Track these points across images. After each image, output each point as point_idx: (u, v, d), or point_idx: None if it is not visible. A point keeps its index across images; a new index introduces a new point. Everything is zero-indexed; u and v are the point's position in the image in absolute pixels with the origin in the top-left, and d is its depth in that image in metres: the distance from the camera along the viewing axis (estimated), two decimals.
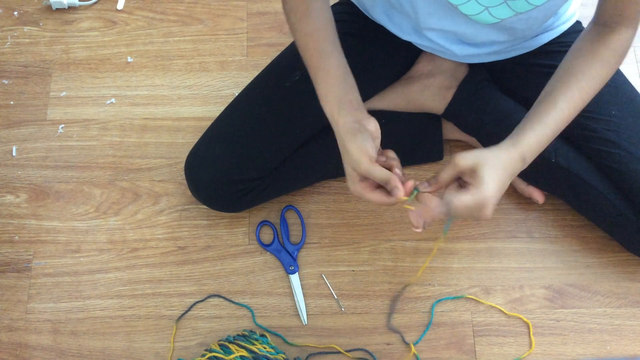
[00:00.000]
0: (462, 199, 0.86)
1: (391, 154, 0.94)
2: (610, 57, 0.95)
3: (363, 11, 1.18)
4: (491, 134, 1.18)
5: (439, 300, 1.18)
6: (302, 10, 0.99)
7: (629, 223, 1.12)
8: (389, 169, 0.91)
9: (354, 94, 0.97)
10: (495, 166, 0.88)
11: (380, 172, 0.89)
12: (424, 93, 1.23)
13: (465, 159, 0.88)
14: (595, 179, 1.12)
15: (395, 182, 0.88)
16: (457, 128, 1.25)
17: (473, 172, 0.87)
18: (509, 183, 0.90)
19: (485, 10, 0.98)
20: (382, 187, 0.92)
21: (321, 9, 1.00)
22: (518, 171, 0.92)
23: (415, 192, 0.90)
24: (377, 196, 0.92)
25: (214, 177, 1.13)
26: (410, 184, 0.90)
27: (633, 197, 1.10)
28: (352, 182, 0.93)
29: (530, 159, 0.92)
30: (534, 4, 0.96)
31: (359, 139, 0.91)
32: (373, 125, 0.94)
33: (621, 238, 1.17)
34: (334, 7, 1.20)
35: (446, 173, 0.89)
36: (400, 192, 0.88)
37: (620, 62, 0.97)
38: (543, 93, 0.96)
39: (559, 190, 1.19)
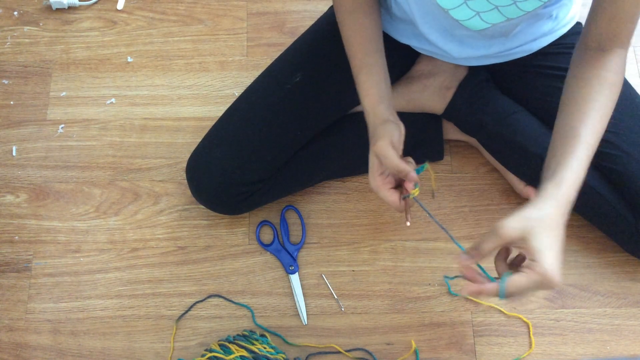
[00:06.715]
0: (515, 282, 0.82)
1: (409, 158, 0.99)
2: (616, 80, 0.94)
3: None
4: (491, 134, 1.19)
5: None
6: (349, 5, 1.03)
7: (627, 224, 1.12)
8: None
9: (391, 98, 1.02)
10: (547, 228, 0.81)
11: (394, 156, 0.94)
12: (424, 93, 1.23)
13: (512, 229, 0.82)
14: (594, 180, 1.12)
15: (406, 168, 0.94)
16: (457, 128, 1.25)
17: (523, 241, 0.82)
18: (563, 235, 0.83)
19: (476, 16, 0.98)
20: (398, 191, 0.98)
21: (369, 6, 1.03)
22: (567, 216, 0.85)
23: (417, 187, 0.97)
24: (393, 196, 0.98)
25: (216, 181, 1.13)
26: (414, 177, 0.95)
27: (631, 198, 1.10)
28: (373, 176, 0.98)
29: (574, 197, 0.86)
30: (524, 10, 0.96)
31: (389, 125, 0.97)
32: (403, 126, 0.99)
33: (619, 239, 1.17)
34: (333, 8, 1.21)
35: (488, 244, 0.84)
36: (413, 175, 0.95)
37: (622, 81, 0.96)
38: (562, 126, 0.93)
39: None
